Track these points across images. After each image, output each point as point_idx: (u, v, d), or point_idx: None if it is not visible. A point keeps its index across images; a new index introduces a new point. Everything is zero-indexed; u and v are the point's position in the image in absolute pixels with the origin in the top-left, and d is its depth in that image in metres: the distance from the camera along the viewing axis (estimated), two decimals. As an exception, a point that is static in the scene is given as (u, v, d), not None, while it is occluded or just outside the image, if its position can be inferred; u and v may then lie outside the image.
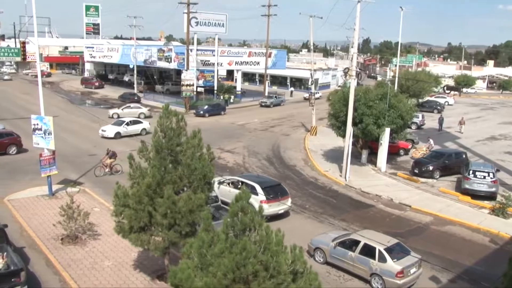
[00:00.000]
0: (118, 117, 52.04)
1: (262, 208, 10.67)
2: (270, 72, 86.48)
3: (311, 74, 52.69)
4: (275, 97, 72.81)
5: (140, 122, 46.26)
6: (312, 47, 55.87)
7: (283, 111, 65.54)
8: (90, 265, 18.73)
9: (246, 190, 10.44)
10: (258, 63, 77.42)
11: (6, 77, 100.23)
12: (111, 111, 55.54)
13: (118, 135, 43.37)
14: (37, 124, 26.33)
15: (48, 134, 25.99)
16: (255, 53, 78.69)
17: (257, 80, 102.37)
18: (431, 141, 41.00)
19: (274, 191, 24.83)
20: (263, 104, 69.83)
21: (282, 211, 24.55)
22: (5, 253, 17.40)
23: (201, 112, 58.08)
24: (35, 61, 72.40)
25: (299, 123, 55.11)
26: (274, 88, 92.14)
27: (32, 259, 19.40)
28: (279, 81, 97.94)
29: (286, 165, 36.04)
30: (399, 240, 20.30)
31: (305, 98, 75.73)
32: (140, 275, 18.04)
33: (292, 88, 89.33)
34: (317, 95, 66.30)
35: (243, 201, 10.04)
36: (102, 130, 43.86)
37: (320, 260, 20.18)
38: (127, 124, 44.64)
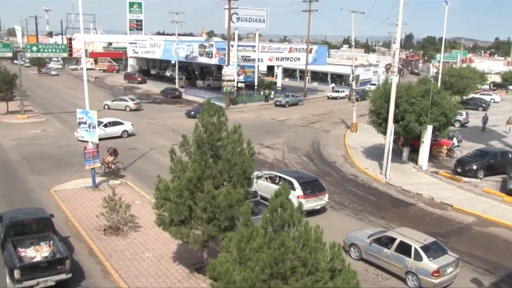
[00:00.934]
0: (109, 108, 53.00)
1: (302, 204, 10.69)
2: (311, 68, 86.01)
3: (352, 70, 52.14)
4: (292, 96, 68.11)
5: (121, 124, 41.91)
6: (353, 43, 55.29)
7: (323, 107, 65.12)
8: (131, 256, 19.16)
9: (286, 185, 10.48)
10: (299, 59, 77.11)
11: (53, 73, 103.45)
12: (104, 102, 56.65)
13: None
14: (82, 118, 27.07)
15: (92, 127, 26.70)
16: (295, 49, 78.41)
17: (297, 76, 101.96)
18: (456, 139, 39.57)
19: (311, 187, 24.98)
20: (278, 103, 65.38)
21: (319, 206, 24.56)
22: (51, 242, 18.05)
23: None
24: (81, 57, 74.22)
25: (339, 119, 54.68)
26: (315, 84, 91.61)
27: (76, 248, 20.03)
28: (319, 77, 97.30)
29: (326, 162, 35.86)
30: (440, 240, 19.93)
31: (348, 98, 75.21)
32: (179, 267, 18.35)
33: (333, 84, 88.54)
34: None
35: (283, 197, 10.09)
36: (77, 132, 37.41)
37: (355, 256, 20.06)
38: (105, 125, 40.38)
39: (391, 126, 31.83)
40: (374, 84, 72.83)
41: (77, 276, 17.48)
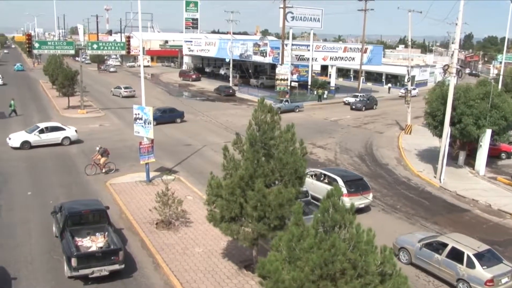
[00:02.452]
0: (113, 95, 53.44)
1: (354, 205, 10.59)
2: (365, 68, 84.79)
3: (407, 70, 51.04)
4: (287, 101, 59.19)
5: (61, 129, 37.31)
6: (409, 43, 54.03)
7: (377, 108, 64.02)
8: (182, 250, 19.51)
9: (338, 186, 10.41)
10: (353, 58, 76.17)
11: (112, 69, 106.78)
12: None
13: (26, 145, 35.26)
14: (138, 114, 27.75)
15: (148, 123, 27.33)
16: (350, 48, 77.47)
17: (351, 76, 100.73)
18: None
19: (355, 185, 25.02)
20: None
21: (362, 205, 24.36)
22: (106, 233, 18.65)
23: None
24: (138, 54, 75.89)
25: (393, 121, 53.65)
26: (369, 84, 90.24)
27: (129, 240, 20.60)
28: (374, 77, 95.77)
29: (378, 163, 35.29)
30: (496, 249, 19.24)
31: (401, 96, 73.48)
32: (228, 264, 18.53)
33: (390, 85, 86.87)
34: (413, 92, 64.20)
35: (335, 198, 10.02)
36: (9, 138, 36.01)
37: (404, 260, 19.67)
38: (41, 131, 36.16)
39: (447, 129, 30.97)
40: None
41: (129, 267, 17.97)
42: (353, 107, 60.69)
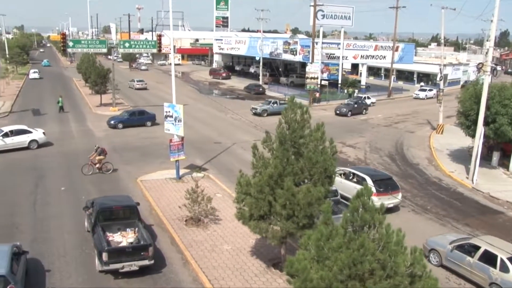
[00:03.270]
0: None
1: (384, 205, 10.50)
2: (396, 67, 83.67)
3: (440, 69, 50.13)
4: (275, 103, 53.94)
5: (28, 132, 35.35)
6: (442, 41, 53.05)
7: (408, 107, 63.16)
8: (210, 248, 19.65)
9: (368, 186, 10.34)
10: (384, 57, 75.30)
11: (143, 67, 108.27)
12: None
13: None
14: (169, 112, 28.04)
15: (178, 121, 27.58)
16: (381, 46, 76.61)
17: (382, 74, 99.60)
18: None
19: (385, 185, 24.83)
20: (253, 111, 52.76)
21: (391, 205, 24.10)
22: (136, 229, 18.93)
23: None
24: (169, 53, 76.21)
25: (424, 120, 52.85)
26: (400, 83, 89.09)
27: (158, 236, 20.86)
28: (405, 76, 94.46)
29: (409, 163, 34.83)
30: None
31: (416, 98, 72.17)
32: (256, 262, 18.58)
33: (422, 83, 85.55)
34: (430, 94, 63.74)
35: (365, 197, 9.96)
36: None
37: (435, 262, 19.37)
38: (6, 135, 34.08)
39: (480, 129, 30.35)
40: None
41: (158, 263, 18.19)
42: (337, 112, 53.99)
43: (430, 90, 71.89)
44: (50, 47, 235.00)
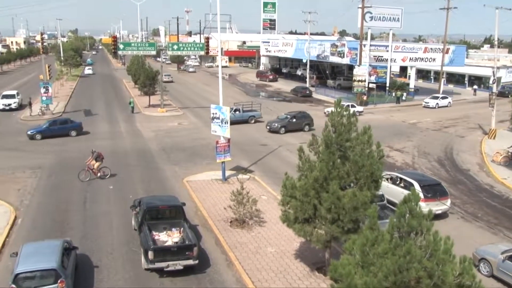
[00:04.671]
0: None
1: (432, 212, 10.24)
2: (447, 69, 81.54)
3: (493, 72, 48.58)
4: (237, 110, 48.26)
5: None
6: (496, 42, 51.39)
7: (458, 111, 61.46)
8: (255, 249, 19.69)
9: (416, 191, 10.12)
10: (434, 59, 73.53)
11: (191, 69, 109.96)
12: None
13: None
14: (216, 113, 28.31)
15: (225, 123, 27.80)
16: (431, 49, 74.82)
17: (431, 77, 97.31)
18: None
19: (433, 190, 24.26)
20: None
21: (440, 211, 23.42)
22: (182, 228, 19.19)
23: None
24: (217, 55, 76.96)
25: (475, 124, 51.27)
26: (450, 86, 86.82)
27: (203, 237, 21.10)
28: (456, 79, 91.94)
29: (459, 169, 33.86)
30: None
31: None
32: (300, 265, 18.49)
33: (475, 86, 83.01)
34: (442, 102, 60.98)
35: (412, 203, 9.74)
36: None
37: (485, 272, 18.72)
38: None
39: (536, 135, 29.20)
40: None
41: (203, 263, 18.38)
42: (268, 127, 44.56)
43: (444, 98, 65.40)
44: (102, 49, 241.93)
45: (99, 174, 28.70)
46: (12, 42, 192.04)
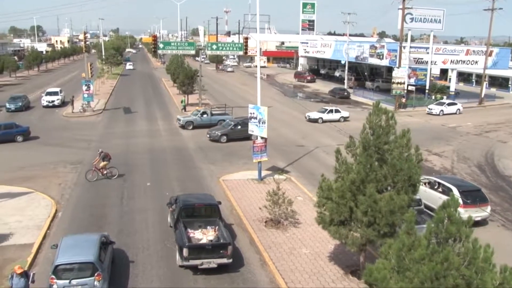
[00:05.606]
0: None
1: (471, 218, 10.00)
2: (489, 73, 79.44)
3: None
4: (204, 113, 45.38)
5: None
6: (543, 46, 49.75)
7: (501, 115, 59.78)
8: (289, 250, 19.65)
9: (455, 197, 9.91)
10: (476, 62, 71.76)
11: (229, 69, 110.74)
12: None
13: None
14: (253, 113, 28.37)
15: (262, 123, 27.82)
16: (473, 51, 73.06)
17: (473, 80, 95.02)
18: None
19: (472, 196, 23.59)
20: (178, 123, 45.89)
21: (479, 218, 22.75)
22: (217, 227, 19.32)
23: None
24: (255, 55, 77.32)
25: (519, 130, 49.83)
26: (493, 90, 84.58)
27: (238, 236, 21.17)
28: (499, 82, 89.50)
29: (500, 175, 32.94)
30: None
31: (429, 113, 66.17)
32: (334, 268, 18.35)
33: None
34: (448, 109, 57.26)
35: (451, 209, 9.55)
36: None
37: None
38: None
39: None
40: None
41: (237, 262, 18.45)
42: (208, 135, 39.89)
43: (452, 104, 59.82)
44: (141, 48, 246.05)
45: (105, 172, 28.54)
46: (56, 41, 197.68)
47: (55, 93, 56.71)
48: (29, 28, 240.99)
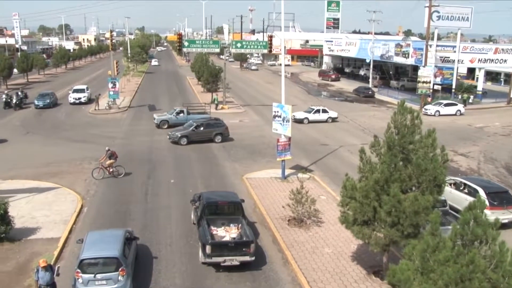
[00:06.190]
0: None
1: (498, 221, 9.84)
2: (519, 72, 77.96)
3: None
4: (180, 112, 44.25)
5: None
6: None
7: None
8: (311, 249, 19.60)
9: (481, 198, 9.76)
10: (505, 61, 70.41)
11: (253, 67, 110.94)
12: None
13: None
14: (278, 112, 28.35)
15: (286, 121, 27.78)
16: (502, 49, 71.68)
17: (501, 79, 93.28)
18: None
19: (499, 198, 23.12)
20: (154, 122, 44.16)
21: (506, 220, 22.30)
22: (240, 225, 19.36)
23: None
24: (279, 53, 77.43)
25: (549, 130, 48.75)
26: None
27: (260, 234, 21.17)
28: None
29: (529, 177, 32.32)
30: None
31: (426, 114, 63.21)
32: (357, 268, 18.24)
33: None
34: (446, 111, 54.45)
35: (477, 210, 9.40)
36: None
37: None
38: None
39: None
40: None
41: (259, 260, 18.45)
42: (168, 136, 37.91)
43: (450, 105, 56.76)
44: (167, 46, 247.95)
45: (111, 170, 28.49)
46: (83, 39, 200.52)
47: (82, 91, 57.66)
48: (57, 26, 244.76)
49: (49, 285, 14.85)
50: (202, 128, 37.82)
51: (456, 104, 57.64)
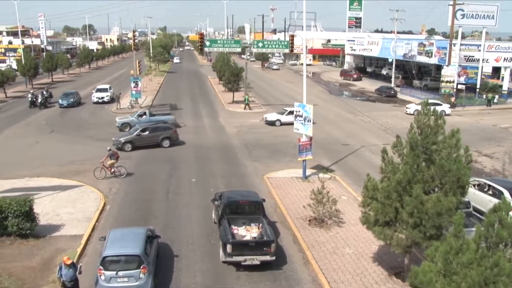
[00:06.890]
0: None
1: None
2: (547, 71, 76.42)
3: None
4: (142, 114, 42.43)
5: None
6: None
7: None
8: (332, 250, 19.51)
9: (507, 200, 9.60)
10: (532, 60, 69.06)
11: (274, 67, 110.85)
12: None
13: None
14: (299, 111, 28.29)
15: (308, 121, 27.70)
16: (529, 48, 70.37)
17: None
18: None
19: None
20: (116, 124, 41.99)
21: None
22: (260, 224, 19.37)
23: None
24: (301, 53, 77.28)
25: None
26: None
27: (281, 234, 21.16)
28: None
29: (555, 178, 31.67)
30: None
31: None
32: (378, 269, 18.10)
33: None
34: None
35: (502, 212, 9.25)
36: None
37: None
38: None
39: None
40: None
41: (280, 260, 18.45)
42: (113, 142, 34.76)
43: (433, 104, 53.41)
44: (188, 45, 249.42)
45: (113, 170, 28.38)
46: (106, 39, 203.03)
47: (105, 90, 58.42)
48: (81, 27, 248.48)
49: (72, 281, 15.09)
50: (147, 132, 35.37)
51: (441, 105, 53.15)
